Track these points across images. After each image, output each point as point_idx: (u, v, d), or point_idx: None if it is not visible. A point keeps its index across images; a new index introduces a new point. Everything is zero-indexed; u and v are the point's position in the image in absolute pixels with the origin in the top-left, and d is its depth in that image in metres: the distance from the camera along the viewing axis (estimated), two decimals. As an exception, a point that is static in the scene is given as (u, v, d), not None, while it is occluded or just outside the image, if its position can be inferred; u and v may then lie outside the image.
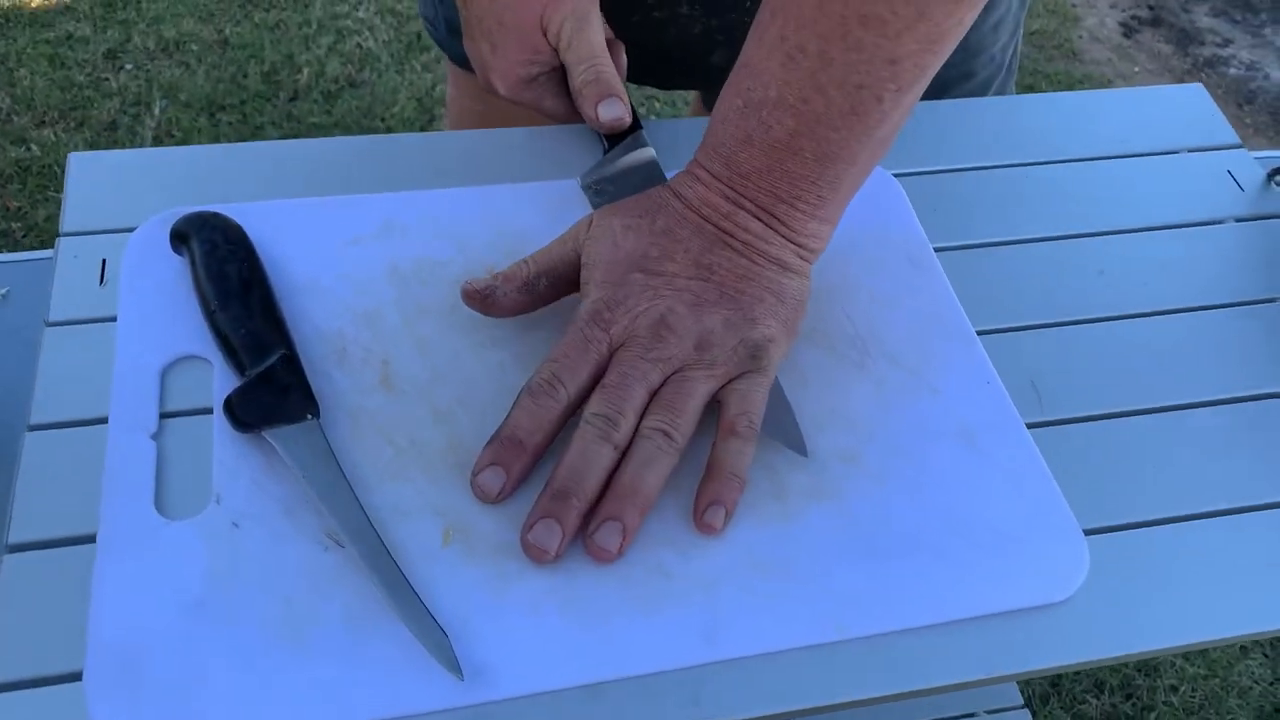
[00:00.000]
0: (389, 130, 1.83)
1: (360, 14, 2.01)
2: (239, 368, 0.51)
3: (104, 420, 0.50)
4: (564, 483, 0.48)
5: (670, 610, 0.46)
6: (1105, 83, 2.16)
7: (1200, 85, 0.73)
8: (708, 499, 0.49)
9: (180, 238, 0.55)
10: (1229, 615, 0.49)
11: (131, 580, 0.45)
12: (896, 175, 0.64)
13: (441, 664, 0.43)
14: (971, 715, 0.93)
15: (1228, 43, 2.29)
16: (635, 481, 0.48)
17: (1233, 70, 2.23)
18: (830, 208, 0.53)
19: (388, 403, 0.52)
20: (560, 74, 0.64)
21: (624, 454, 0.49)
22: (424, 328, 0.55)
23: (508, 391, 0.52)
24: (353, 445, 0.50)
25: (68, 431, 0.51)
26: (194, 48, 1.92)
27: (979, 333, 0.57)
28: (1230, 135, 0.70)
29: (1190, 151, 0.69)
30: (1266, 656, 1.39)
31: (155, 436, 0.50)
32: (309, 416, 0.49)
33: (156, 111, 1.81)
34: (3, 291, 0.65)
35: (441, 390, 0.53)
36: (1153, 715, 1.32)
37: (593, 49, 0.62)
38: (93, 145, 1.76)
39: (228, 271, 0.53)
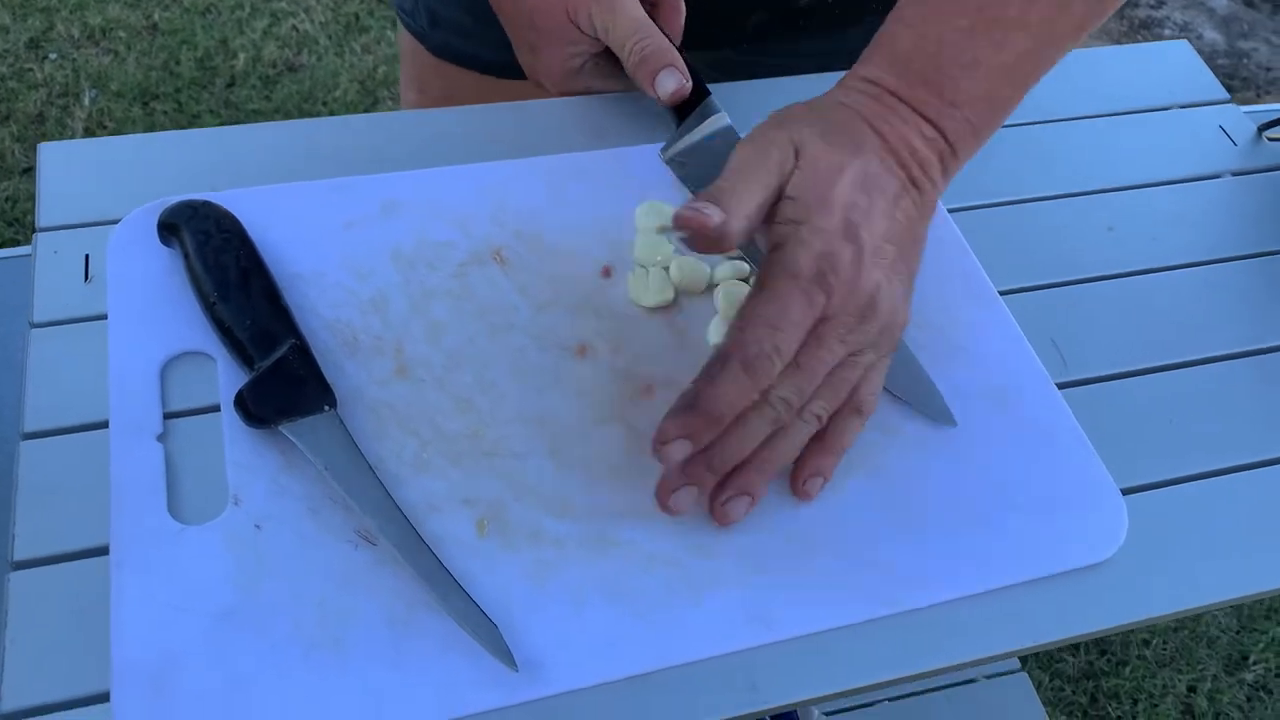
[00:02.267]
0: (331, 114, 1.78)
1: (294, -4, 1.95)
2: (246, 361, 0.48)
3: (103, 424, 0.48)
4: (726, 460, 0.45)
5: (717, 593, 0.45)
6: (1044, 47, 2.18)
7: (1186, 42, 0.73)
8: (813, 469, 0.47)
9: (169, 228, 0.52)
10: (1270, 568, 0.49)
11: (153, 592, 0.42)
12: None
13: (494, 655, 0.41)
14: (970, 681, 0.93)
15: (1161, 4, 2.33)
16: (780, 458, 0.47)
17: (1167, 31, 2.27)
18: (979, 149, 0.50)
19: (405, 392, 0.50)
20: (603, 56, 0.63)
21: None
22: (434, 311, 0.53)
23: (526, 374, 0.51)
24: (374, 439, 0.48)
25: (65, 438, 0.48)
26: (122, 35, 1.85)
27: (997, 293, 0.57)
28: (1219, 91, 0.70)
29: (1181, 108, 0.69)
30: (1232, 607, 1.42)
31: (161, 438, 0.47)
32: (326, 408, 0.47)
33: (86, 102, 1.74)
34: (-31, 293, 0.61)
35: (459, 376, 0.50)
36: (1127, 669, 1.35)
37: (633, 26, 0.60)
38: (20, 139, 1.69)
39: (225, 262, 0.50)
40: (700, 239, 0.45)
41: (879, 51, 0.50)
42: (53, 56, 1.81)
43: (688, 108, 0.60)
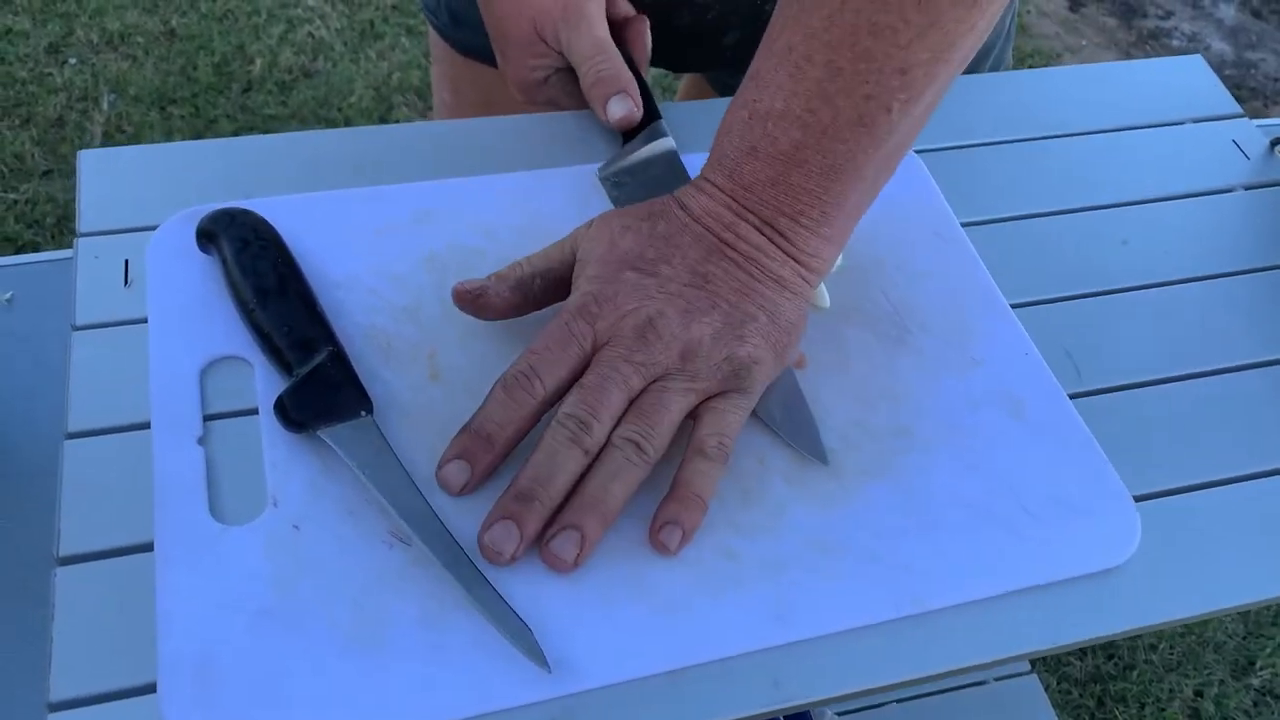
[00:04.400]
0: (347, 120, 1.80)
1: (311, 1, 1.97)
2: (285, 367, 0.49)
3: (144, 425, 0.49)
4: (528, 484, 0.46)
5: (740, 593, 0.46)
6: (1054, 56, 2.20)
7: (1199, 57, 0.74)
8: (665, 518, 0.47)
9: (208, 236, 0.54)
10: (1276, 575, 0.50)
11: (196, 590, 0.44)
12: (914, 151, 0.64)
13: (526, 655, 0.43)
14: (981, 683, 0.94)
15: (1169, 15, 2.34)
16: (600, 492, 0.46)
17: (1175, 42, 2.28)
18: (835, 225, 0.51)
19: (440, 397, 0.51)
20: (568, 73, 0.64)
21: (594, 460, 0.47)
22: (466, 318, 0.54)
23: (555, 381, 0.52)
24: (409, 443, 0.49)
25: (108, 438, 0.49)
26: (140, 40, 1.87)
27: (1010, 306, 0.58)
28: (1231, 105, 0.71)
29: (1194, 122, 0.70)
30: (1240, 613, 1.43)
31: (201, 441, 0.48)
32: (363, 413, 0.48)
33: (105, 106, 1.76)
34: (7, 296, 0.62)
35: (491, 381, 0.52)
36: (1134, 673, 1.36)
37: (594, 47, 0.61)
38: (40, 142, 1.71)
39: (262, 269, 0.52)
40: (464, 306, 0.51)
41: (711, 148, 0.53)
42: (72, 61, 1.83)
43: (635, 130, 0.61)
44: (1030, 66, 1.72)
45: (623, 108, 0.60)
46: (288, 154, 0.61)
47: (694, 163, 0.61)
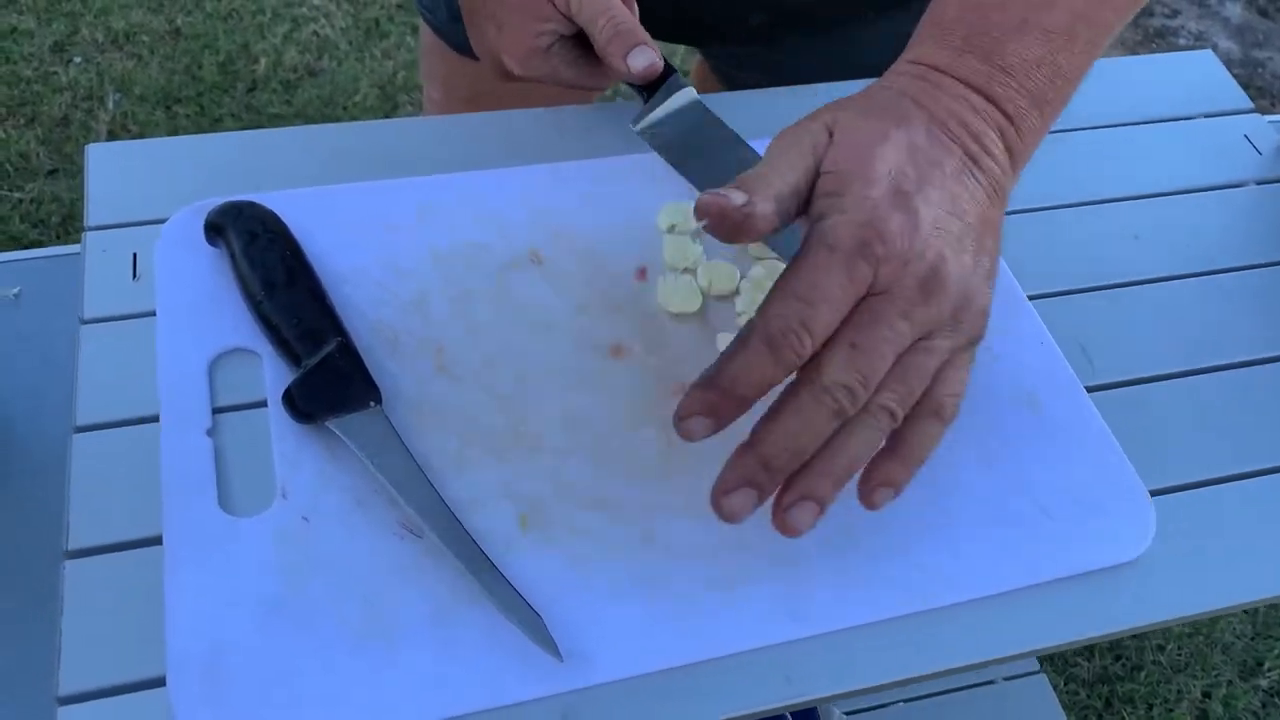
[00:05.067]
0: (352, 119, 1.79)
1: (315, 0, 1.96)
2: (293, 359, 0.49)
3: (153, 418, 0.49)
4: (777, 451, 0.41)
5: (752, 588, 0.46)
6: (1059, 56, 2.19)
7: (1210, 52, 0.74)
8: (883, 478, 0.43)
9: (215, 229, 0.53)
10: (1295, 568, 0.50)
11: (205, 582, 0.44)
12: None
13: (539, 645, 0.42)
14: (989, 682, 0.94)
15: (1175, 14, 2.33)
16: (847, 463, 0.42)
17: (1182, 41, 2.28)
18: (1046, 130, 0.46)
19: (447, 390, 0.51)
20: (571, 41, 0.62)
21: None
22: (474, 311, 0.54)
23: (564, 373, 0.52)
24: (416, 435, 0.49)
25: (116, 432, 0.49)
26: (145, 39, 1.87)
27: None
28: (1244, 100, 0.71)
29: (1206, 117, 0.70)
30: (1247, 614, 1.43)
31: (210, 433, 0.48)
32: (372, 404, 0.48)
33: (110, 105, 1.76)
34: (15, 291, 0.62)
35: (498, 374, 0.52)
36: (1142, 674, 1.35)
37: (605, 2, 0.59)
38: (45, 141, 1.71)
39: (271, 261, 0.52)
40: (722, 225, 0.43)
41: (925, 27, 0.48)
42: (77, 60, 1.83)
43: (654, 85, 0.60)
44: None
45: (645, 59, 0.58)
46: (295, 148, 0.60)
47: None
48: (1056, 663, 1.34)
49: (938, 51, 0.46)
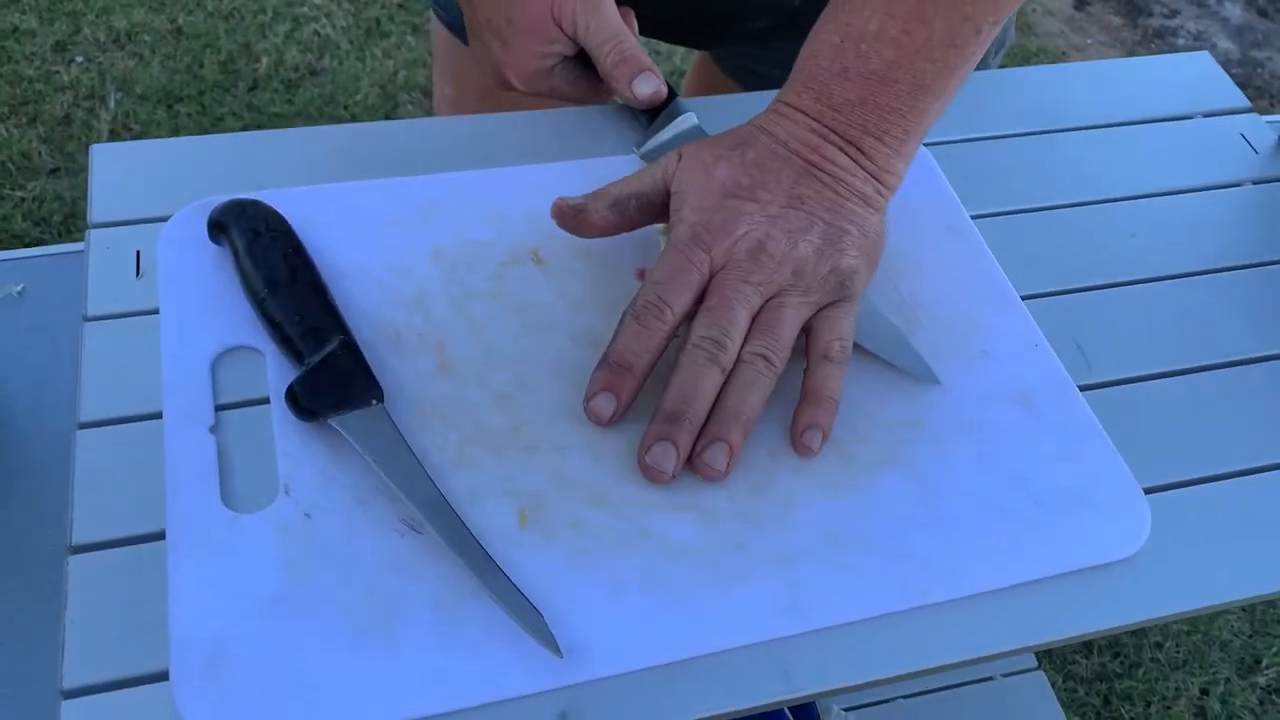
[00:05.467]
0: (353, 118, 1.80)
1: (317, 0, 1.97)
2: (296, 356, 0.50)
3: (156, 415, 0.49)
4: (675, 405, 0.49)
5: (751, 585, 0.46)
6: (1059, 55, 2.20)
7: (1207, 53, 0.74)
8: (805, 422, 0.50)
9: (219, 227, 0.54)
10: (1288, 565, 0.50)
11: (207, 578, 0.44)
12: (923, 145, 0.64)
13: (539, 642, 0.43)
14: (988, 678, 0.94)
15: (1174, 14, 2.34)
16: (739, 405, 0.49)
17: (1181, 41, 2.28)
18: (911, 144, 0.54)
19: (448, 388, 0.51)
20: (574, 60, 0.64)
21: (727, 377, 0.50)
22: (474, 310, 0.54)
23: (564, 372, 0.52)
24: (418, 432, 0.49)
25: (120, 428, 0.49)
26: (146, 38, 1.87)
27: (1020, 298, 0.58)
28: (1240, 100, 0.71)
29: (1204, 116, 0.70)
30: (1245, 611, 1.43)
31: (213, 429, 0.49)
32: (374, 402, 0.48)
33: (112, 104, 1.76)
34: (18, 289, 0.63)
35: (499, 373, 0.52)
36: (1140, 671, 1.36)
37: (612, 28, 0.61)
38: (46, 140, 1.71)
39: (273, 259, 0.52)
40: (562, 220, 0.54)
41: (790, 76, 0.56)
42: (79, 60, 1.83)
43: (657, 109, 0.63)
44: (1036, 65, 1.72)
45: (650, 86, 0.61)
46: (297, 148, 0.61)
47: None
48: (1055, 660, 1.35)
49: (787, 92, 0.55)
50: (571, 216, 0.54)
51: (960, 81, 0.54)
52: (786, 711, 0.80)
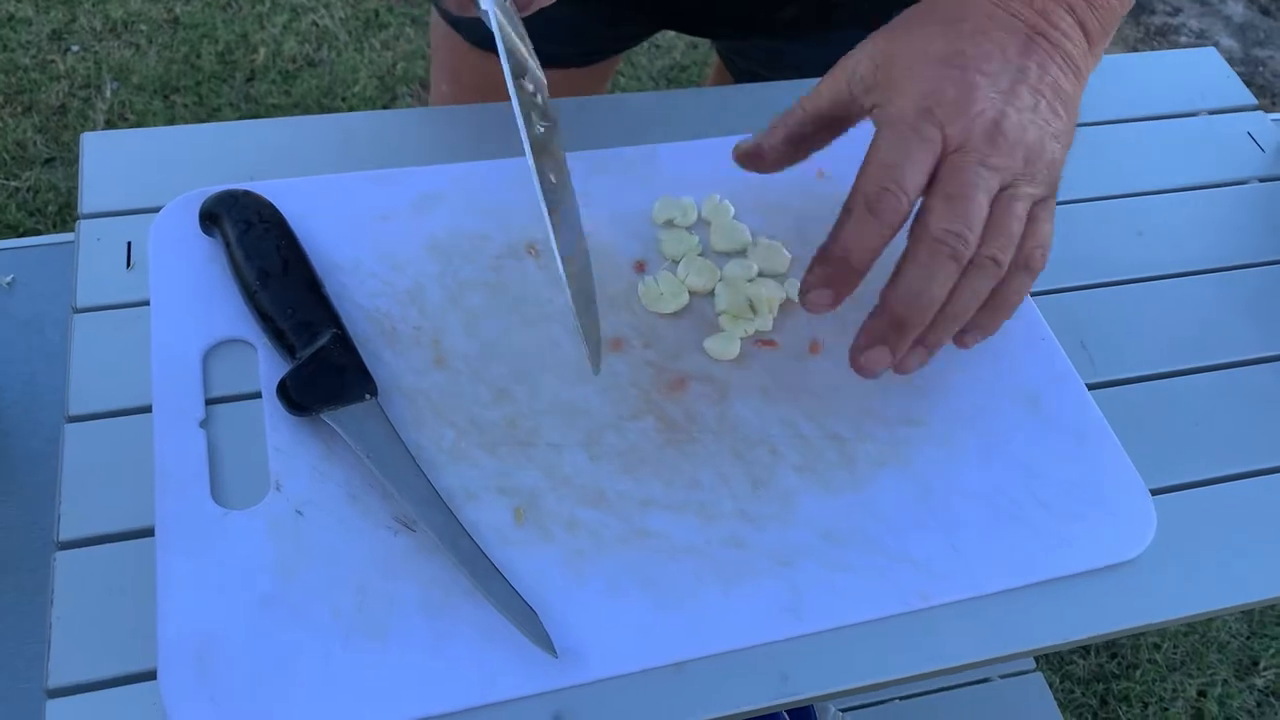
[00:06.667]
0: (350, 109, 1.79)
1: (314, -9, 1.95)
2: (288, 350, 0.49)
3: (145, 409, 0.48)
4: (907, 307, 0.45)
5: (749, 585, 0.46)
6: (1061, 53, 2.18)
7: (1213, 49, 0.73)
8: (974, 324, 0.47)
9: (210, 218, 0.53)
10: (1296, 569, 0.50)
11: (197, 575, 0.43)
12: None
13: (533, 641, 0.42)
14: (985, 680, 0.93)
15: (1177, 11, 2.33)
16: (963, 310, 0.46)
17: (1183, 39, 2.27)
18: (1115, 19, 0.50)
19: (443, 382, 0.50)
20: None
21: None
22: (470, 303, 0.53)
23: (561, 366, 0.51)
24: (412, 428, 0.48)
25: (109, 422, 0.48)
26: (143, 28, 1.86)
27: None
28: (1247, 97, 0.70)
29: (1210, 114, 0.70)
30: (1243, 613, 1.42)
31: (203, 424, 0.48)
32: (367, 396, 0.48)
33: (108, 94, 1.75)
34: (8, 279, 0.62)
35: (495, 367, 0.51)
36: (1138, 673, 1.35)
37: None
38: (42, 130, 1.70)
39: (265, 251, 0.51)
40: (746, 164, 0.52)
41: None
42: (75, 49, 1.82)
43: None
44: (1037, 62, 1.70)
45: None
46: (291, 138, 0.60)
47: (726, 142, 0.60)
48: (1053, 661, 1.34)
49: None
50: (750, 160, 0.51)
51: None
52: (784, 714, 0.80)
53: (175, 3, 1.90)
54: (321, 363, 0.48)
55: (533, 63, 0.50)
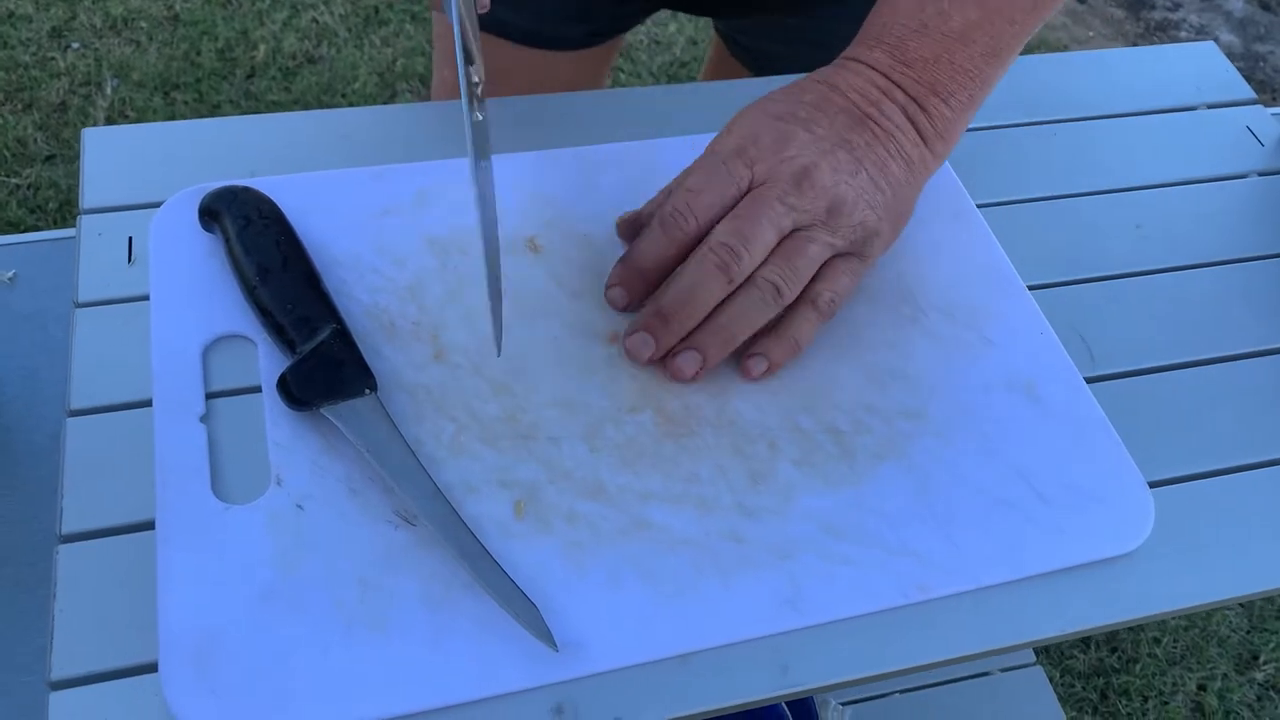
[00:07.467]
0: (350, 106, 1.79)
1: (314, -12, 1.95)
2: (288, 345, 0.49)
3: (146, 403, 0.48)
4: (671, 304, 0.49)
5: (749, 578, 0.46)
6: (1061, 47, 2.18)
7: (1213, 44, 0.73)
8: (759, 349, 0.51)
9: (210, 214, 0.53)
10: (1293, 561, 0.50)
11: (198, 569, 0.43)
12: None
13: (533, 635, 0.42)
14: (985, 673, 0.94)
15: (1177, 6, 2.33)
16: (732, 325, 0.49)
17: (1184, 34, 2.27)
18: (970, 112, 0.53)
19: (443, 377, 0.50)
20: None
21: (733, 291, 0.49)
22: (470, 298, 0.53)
23: (560, 360, 0.51)
24: (412, 422, 0.49)
25: (110, 416, 0.49)
26: (143, 25, 1.86)
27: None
28: (1246, 91, 0.70)
29: (1209, 108, 0.70)
30: (1243, 607, 1.43)
31: (204, 419, 0.48)
32: (367, 391, 0.48)
33: (108, 91, 1.75)
34: (10, 275, 0.62)
35: (494, 361, 0.51)
36: (1138, 667, 1.35)
37: None
38: (42, 127, 1.70)
39: (265, 246, 0.51)
40: (624, 227, 0.56)
41: (859, 33, 0.54)
42: (75, 46, 1.82)
43: None
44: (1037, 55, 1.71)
45: None
46: (290, 134, 0.60)
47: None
48: (1052, 654, 1.35)
49: (857, 47, 0.54)
50: (631, 230, 0.55)
51: (1011, 63, 0.53)
52: (783, 706, 0.80)
53: (175, 0, 1.90)
54: (321, 358, 0.48)
55: (479, 57, 0.54)
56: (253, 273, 0.50)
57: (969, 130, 0.65)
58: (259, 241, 0.51)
